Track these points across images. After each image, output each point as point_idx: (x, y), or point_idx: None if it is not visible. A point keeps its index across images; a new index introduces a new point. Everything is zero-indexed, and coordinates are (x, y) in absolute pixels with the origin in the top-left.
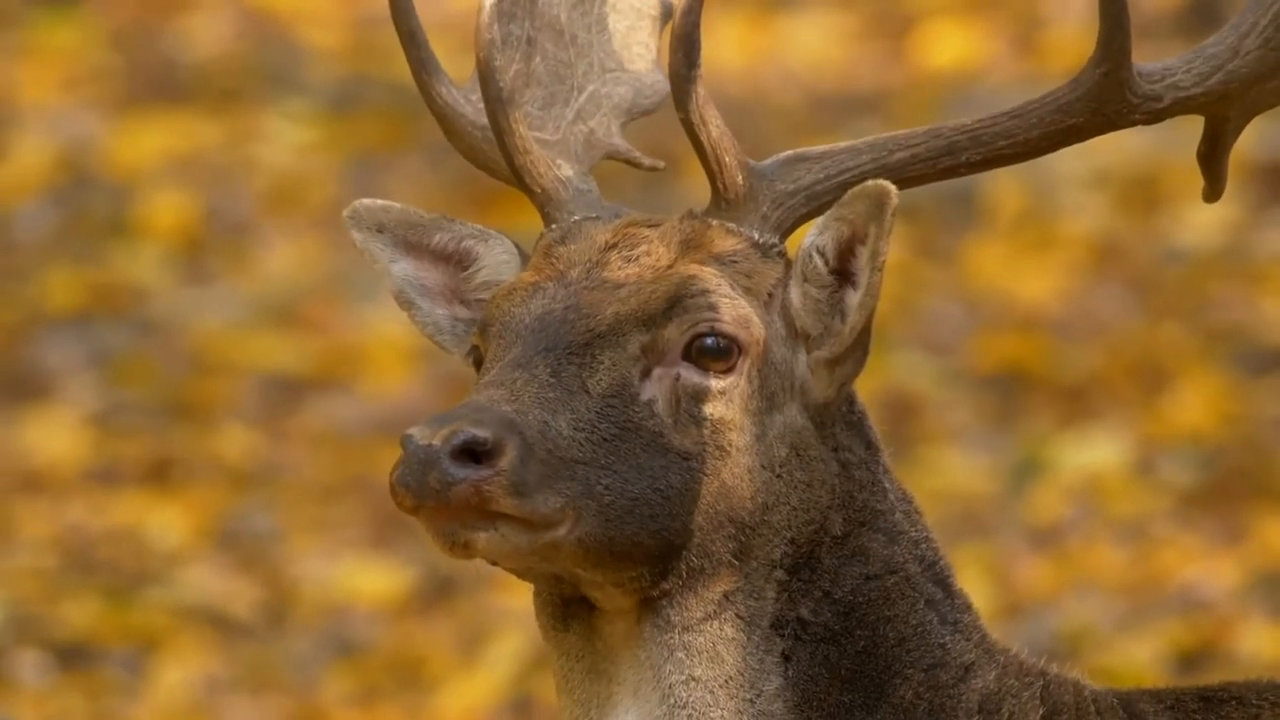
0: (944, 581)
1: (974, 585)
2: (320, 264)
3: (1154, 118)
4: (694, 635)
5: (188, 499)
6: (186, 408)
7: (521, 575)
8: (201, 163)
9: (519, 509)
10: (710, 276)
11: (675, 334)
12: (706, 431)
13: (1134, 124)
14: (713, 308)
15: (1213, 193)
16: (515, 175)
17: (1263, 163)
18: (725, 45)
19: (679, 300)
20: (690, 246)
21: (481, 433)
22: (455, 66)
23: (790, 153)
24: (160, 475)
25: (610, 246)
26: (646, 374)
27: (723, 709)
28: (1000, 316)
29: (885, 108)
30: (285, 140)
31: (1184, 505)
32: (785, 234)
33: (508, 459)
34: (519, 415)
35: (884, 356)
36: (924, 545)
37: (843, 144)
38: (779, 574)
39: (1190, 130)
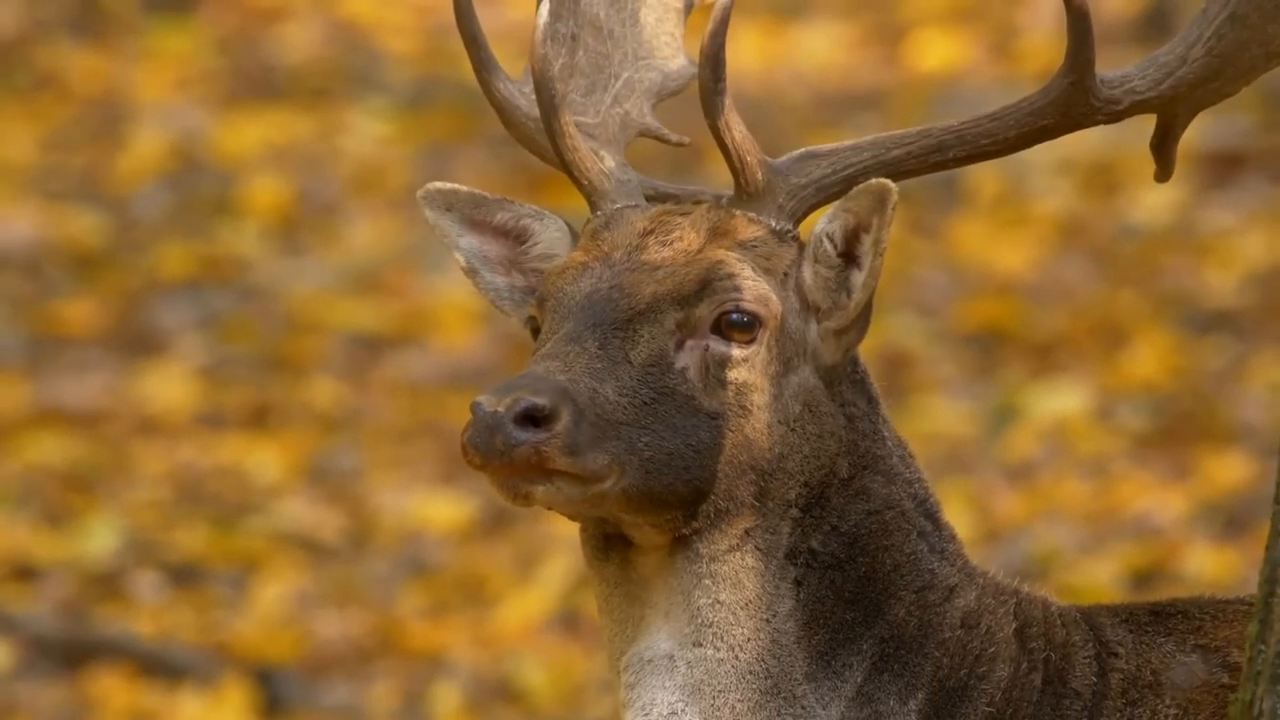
0: (933, 516)
1: (958, 515)
2: (397, 239)
3: (1114, 118)
4: (719, 565)
5: (283, 440)
6: (282, 362)
7: (572, 518)
8: (295, 152)
9: (573, 466)
10: (735, 261)
11: (705, 311)
12: (731, 393)
13: (1097, 124)
14: (737, 289)
15: (1163, 175)
16: (565, 169)
17: (1206, 152)
18: (744, 51)
19: (709, 282)
20: (717, 233)
21: (540, 400)
22: (513, 67)
23: (802, 150)
24: (259, 420)
25: (648, 232)
26: (681, 345)
27: (743, 627)
28: (980, 284)
29: (882, 105)
30: (367, 132)
31: (1138, 446)
32: (798, 220)
33: (563, 423)
34: (572, 384)
35: (881, 319)
36: (916, 485)
37: (848, 143)
38: (794, 512)
39: (1144, 125)
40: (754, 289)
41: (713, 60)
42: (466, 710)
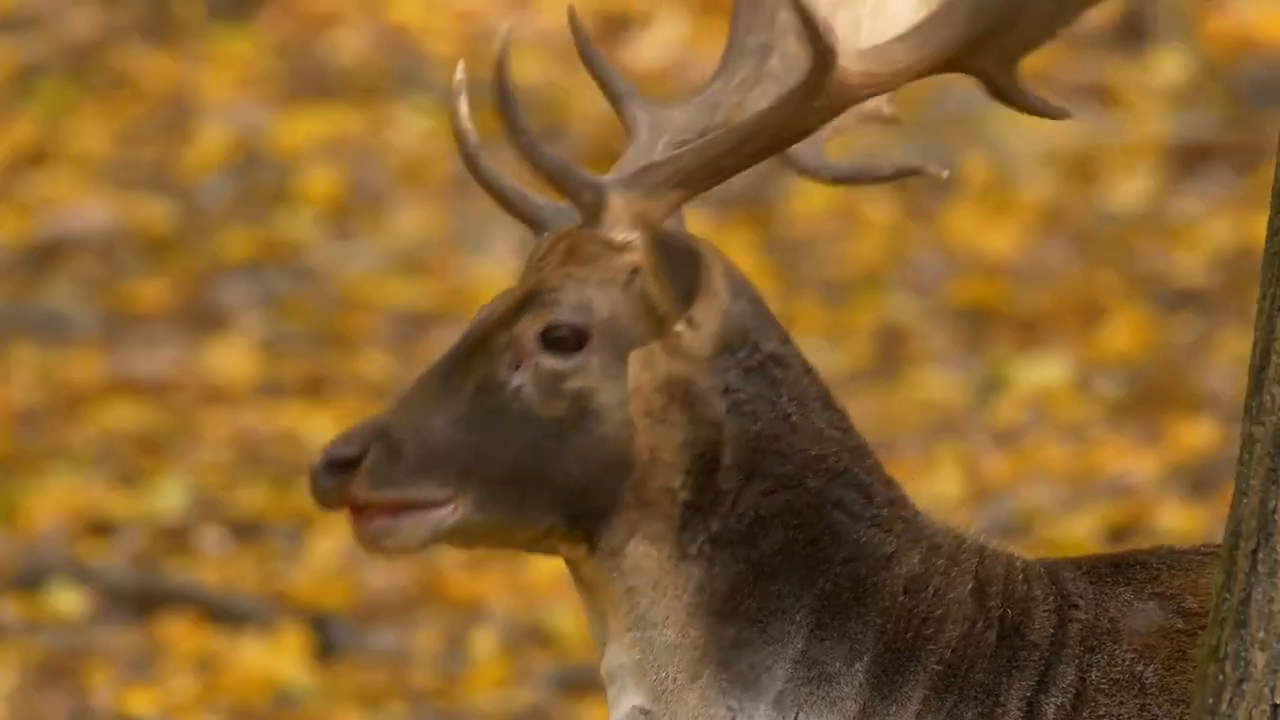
0: (860, 485)
1: (949, 476)
2: (440, 224)
3: (884, 87)
4: (621, 558)
5: (336, 409)
6: (335, 336)
7: (467, 549)
8: (346, 145)
9: (384, 498)
10: (560, 276)
11: (527, 329)
12: (570, 401)
13: (866, 97)
14: (555, 303)
15: (1048, 113)
16: (501, 206)
17: (1175, 145)
18: None
19: (528, 301)
20: (568, 253)
21: (343, 450)
22: (538, 70)
23: (646, 162)
24: (315, 390)
25: (541, 257)
26: (517, 366)
27: (659, 607)
28: (970, 265)
29: None
30: (412, 128)
31: (1114, 413)
32: (650, 222)
33: (368, 461)
34: (393, 420)
35: (878, 296)
36: (833, 458)
37: (682, 150)
38: (683, 496)
39: (1118, 118)
40: (573, 301)
41: (501, 97)
42: (502, 654)
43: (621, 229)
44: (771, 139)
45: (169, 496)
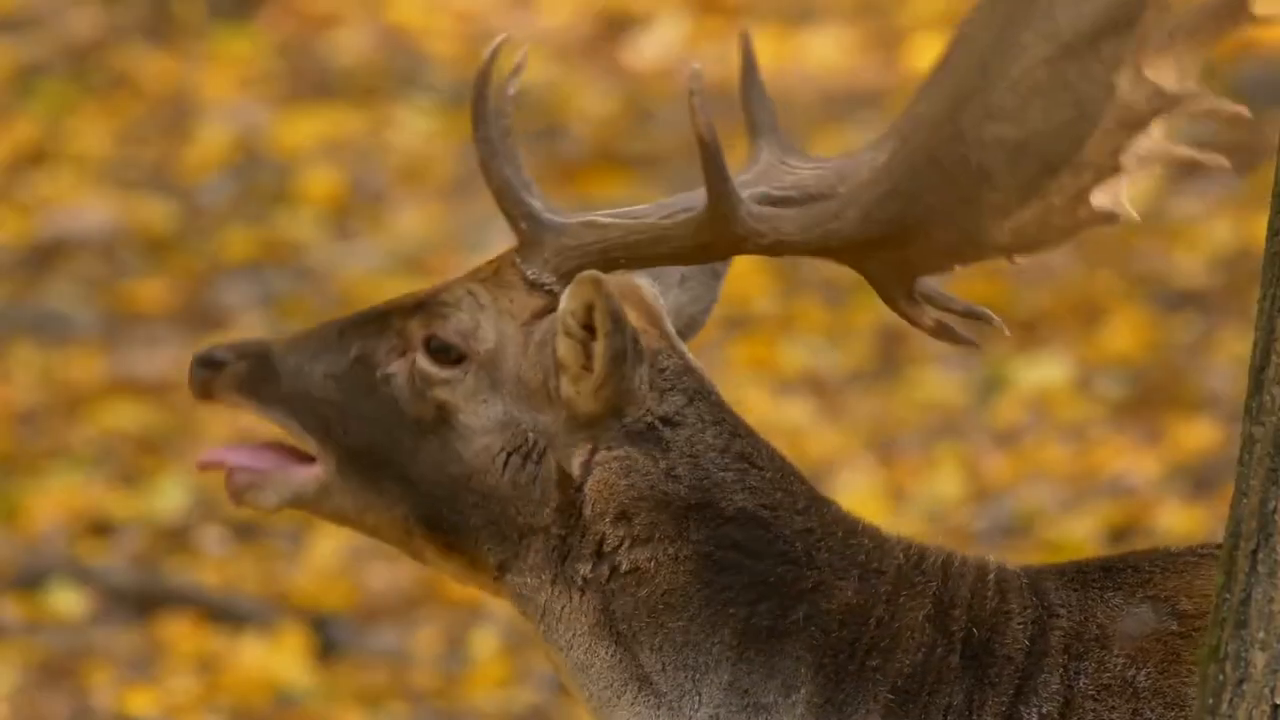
0: (762, 522)
1: (949, 476)
2: (440, 224)
3: (768, 251)
4: (509, 583)
5: None
6: None
7: (355, 529)
8: (347, 146)
9: (244, 405)
10: (462, 293)
11: (415, 329)
12: (433, 408)
13: (753, 253)
14: (443, 316)
15: (945, 337)
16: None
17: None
18: (760, 54)
19: (426, 303)
20: (493, 271)
21: (219, 352)
22: (538, 68)
23: (588, 216)
24: None
25: (482, 266)
26: (400, 354)
27: (556, 632)
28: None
29: (883, 104)
30: (412, 128)
31: (1114, 413)
32: (563, 277)
33: (240, 367)
34: (276, 348)
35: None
36: (724, 502)
37: (625, 219)
38: (556, 531)
39: None
40: (460, 323)
41: (477, 104)
42: (503, 654)
43: (543, 270)
44: (669, 254)
45: (169, 497)
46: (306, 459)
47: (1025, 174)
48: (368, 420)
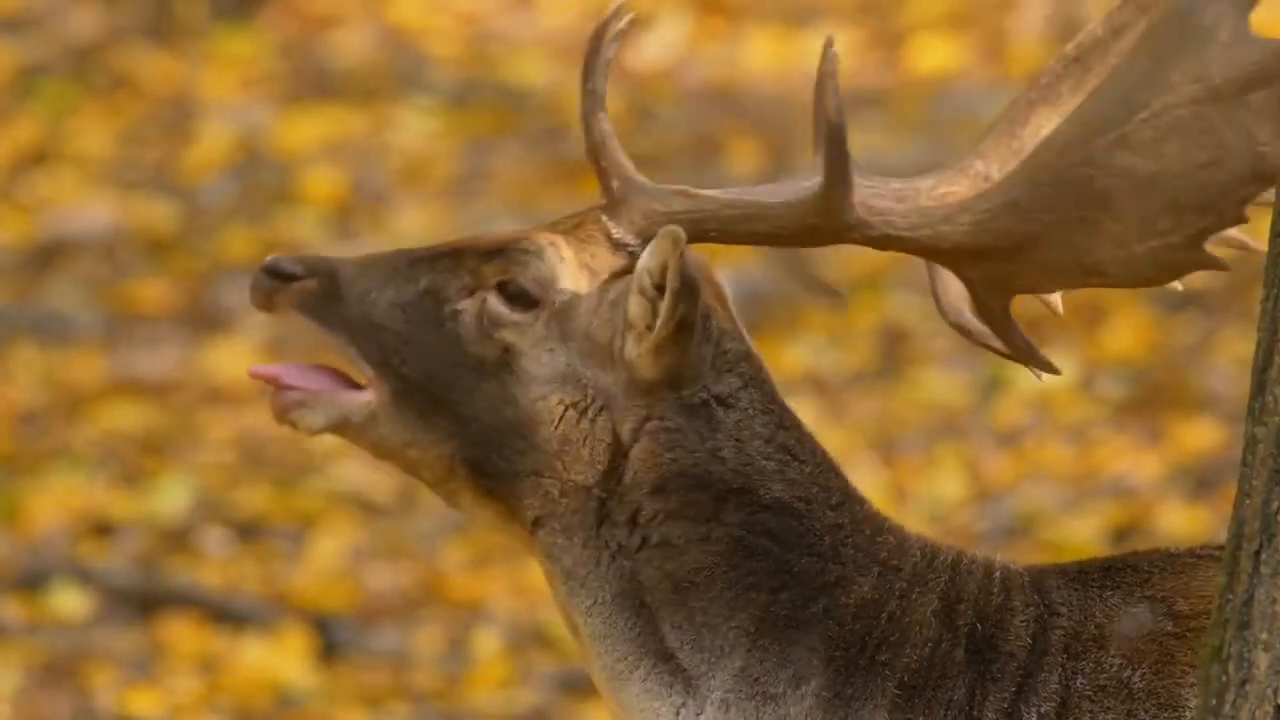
0: (796, 514)
1: (951, 476)
2: (441, 224)
3: (873, 243)
4: (541, 540)
5: None
6: None
7: (393, 465)
8: (348, 146)
9: (303, 318)
10: (544, 243)
11: (491, 271)
12: (498, 350)
13: (857, 242)
14: (523, 264)
15: (1032, 362)
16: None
17: None
18: (761, 54)
19: (506, 249)
20: (578, 224)
21: (289, 265)
22: (542, 69)
23: (680, 186)
24: None
25: (571, 215)
26: (470, 293)
27: (578, 597)
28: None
29: (884, 103)
30: (414, 128)
31: (1116, 413)
32: (648, 241)
33: (307, 284)
34: (344, 269)
35: (882, 296)
36: (763, 490)
37: (716, 193)
38: (597, 493)
39: None
40: (539, 270)
41: (591, 69)
42: (504, 654)
43: (629, 231)
44: (766, 233)
45: (171, 497)
46: (357, 387)
47: (1149, 208)
48: (429, 353)
